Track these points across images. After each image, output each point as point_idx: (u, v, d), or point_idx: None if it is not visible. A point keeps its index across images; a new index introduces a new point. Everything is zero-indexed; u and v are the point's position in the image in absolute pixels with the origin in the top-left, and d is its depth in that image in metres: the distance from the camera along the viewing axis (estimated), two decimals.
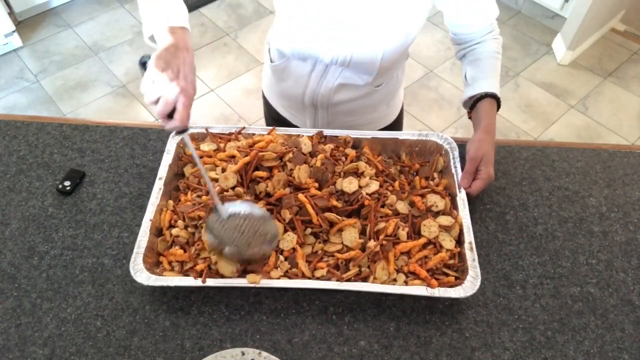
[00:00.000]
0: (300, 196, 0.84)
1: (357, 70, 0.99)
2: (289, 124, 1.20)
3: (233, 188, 0.86)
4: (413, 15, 0.92)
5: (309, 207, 0.83)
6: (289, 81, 1.08)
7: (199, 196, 0.87)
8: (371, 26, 0.91)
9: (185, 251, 0.83)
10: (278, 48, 1.04)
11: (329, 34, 0.93)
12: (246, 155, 0.88)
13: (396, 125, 1.24)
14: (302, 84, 1.05)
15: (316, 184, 0.87)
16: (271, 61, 1.11)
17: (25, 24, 2.90)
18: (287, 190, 0.86)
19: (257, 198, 0.87)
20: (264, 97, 1.27)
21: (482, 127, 0.95)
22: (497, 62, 1.01)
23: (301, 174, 0.87)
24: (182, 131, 0.74)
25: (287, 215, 0.83)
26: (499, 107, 0.99)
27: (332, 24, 0.92)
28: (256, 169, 0.89)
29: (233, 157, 0.91)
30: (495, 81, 1.00)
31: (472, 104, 1.00)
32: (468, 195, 0.91)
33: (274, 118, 1.23)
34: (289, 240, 0.82)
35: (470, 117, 1.02)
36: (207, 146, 0.95)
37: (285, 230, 0.84)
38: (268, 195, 0.87)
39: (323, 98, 1.05)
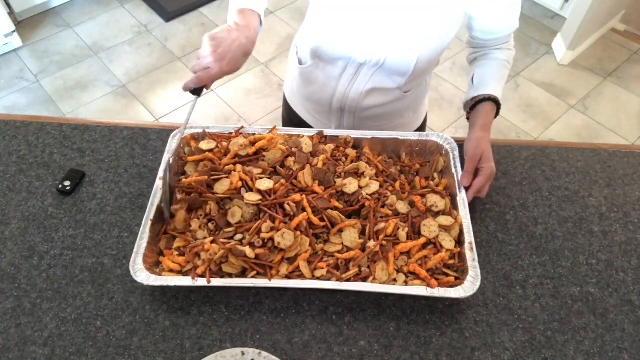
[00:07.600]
0: (305, 204, 0.84)
1: (390, 73, 0.98)
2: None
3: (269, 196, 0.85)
4: (450, 19, 0.92)
5: (310, 213, 0.83)
6: (316, 84, 1.07)
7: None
8: (409, 28, 0.91)
9: (183, 254, 0.83)
10: (310, 48, 1.03)
11: (366, 33, 0.93)
12: (247, 155, 0.90)
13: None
14: (330, 87, 1.05)
15: (322, 188, 0.87)
16: (300, 63, 1.10)
17: (25, 24, 2.90)
18: (299, 196, 0.85)
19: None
20: (285, 102, 1.26)
21: (479, 125, 0.96)
22: (505, 70, 1.03)
23: (307, 178, 0.87)
24: (196, 92, 0.86)
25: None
26: (497, 113, 1.00)
27: (370, 23, 0.91)
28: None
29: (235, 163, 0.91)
30: (500, 87, 1.01)
31: (473, 106, 1.00)
32: (478, 198, 0.91)
33: (294, 123, 1.22)
34: (301, 243, 0.82)
35: (468, 118, 1.03)
36: (206, 145, 0.95)
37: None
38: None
39: (352, 102, 1.05)
